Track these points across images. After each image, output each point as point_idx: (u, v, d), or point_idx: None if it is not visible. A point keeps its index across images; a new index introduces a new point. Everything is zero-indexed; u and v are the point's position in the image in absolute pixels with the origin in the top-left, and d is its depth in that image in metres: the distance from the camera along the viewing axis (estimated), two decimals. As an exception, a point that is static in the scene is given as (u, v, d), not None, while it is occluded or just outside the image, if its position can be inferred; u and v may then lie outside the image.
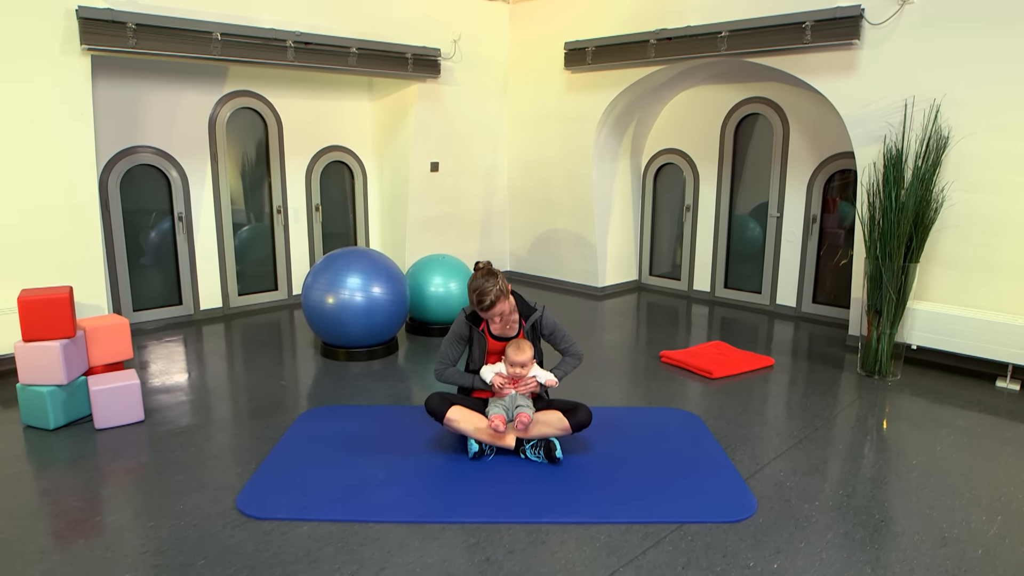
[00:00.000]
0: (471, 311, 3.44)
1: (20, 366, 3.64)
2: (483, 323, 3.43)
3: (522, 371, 3.32)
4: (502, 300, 3.23)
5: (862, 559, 2.57)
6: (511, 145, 7.53)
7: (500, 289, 3.22)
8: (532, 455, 3.31)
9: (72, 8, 4.48)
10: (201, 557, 2.56)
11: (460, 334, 3.42)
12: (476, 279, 3.26)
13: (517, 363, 3.31)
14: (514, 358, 3.30)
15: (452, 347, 3.43)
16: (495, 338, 3.43)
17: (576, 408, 3.32)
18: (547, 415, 3.30)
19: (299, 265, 6.67)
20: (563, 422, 3.27)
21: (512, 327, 3.44)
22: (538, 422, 3.30)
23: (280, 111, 6.33)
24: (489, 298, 3.19)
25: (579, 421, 3.28)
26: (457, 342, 3.43)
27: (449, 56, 6.70)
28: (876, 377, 4.61)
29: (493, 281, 3.22)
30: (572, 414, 3.29)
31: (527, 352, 3.32)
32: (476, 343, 3.42)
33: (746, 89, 6.37)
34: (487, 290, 3.19)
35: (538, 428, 3.30)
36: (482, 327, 3.42)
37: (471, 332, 3.42)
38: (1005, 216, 4.43)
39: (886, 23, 4.71)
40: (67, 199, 4.67)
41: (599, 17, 6.41)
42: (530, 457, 3.31)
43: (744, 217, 6.67)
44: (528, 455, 3.32)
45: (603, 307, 6.66)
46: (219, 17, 5.16)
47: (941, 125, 4.55)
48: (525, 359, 3.31)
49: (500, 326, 3.42)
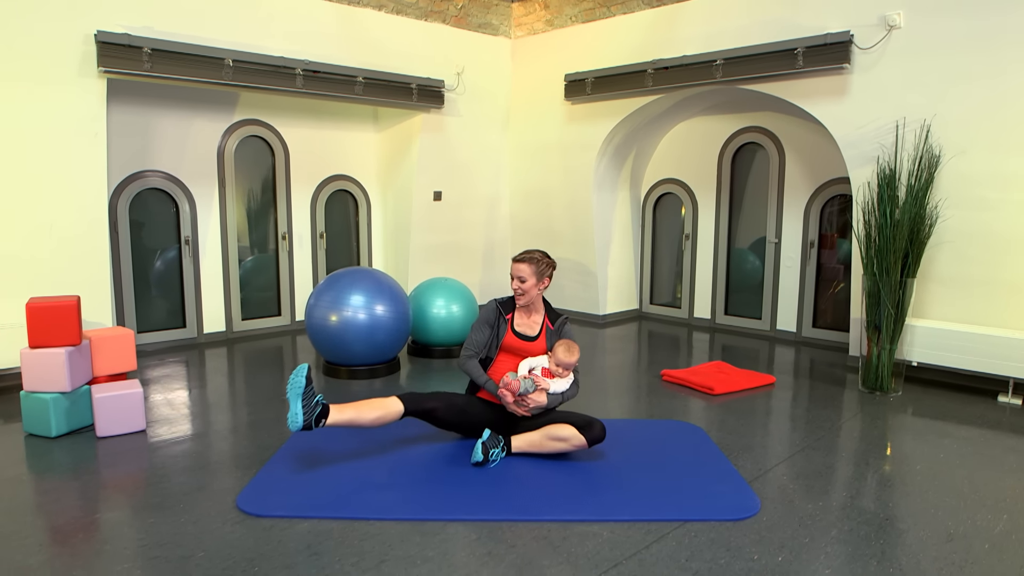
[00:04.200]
0: (504, 299, 3.59)
1: (25, 373, 3.66)
2: (510, 314, 3.54)
3: (564, 373, 3.41)
4: (528, 263, 3.45)
5: (867, 553, 2.54)
6: (513, 175, 7.68)
7: (536, 258, 3.47)
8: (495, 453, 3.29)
9: (91, 33, 4.66)
10: (200, 550, 2.54)
11: (487, 319, 3.52)
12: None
13: (563, 364, 3.40)
14: (564, 359, 3.39)
15: (478, 331, 3.50)
16: (515, 333, 3.52)
17: (591, 424, 3.31)
18: (561, 430, 3.29)
19: (302, 291, 6.72)
20: (579, 438, 3.27)
21: (533, 326, 3.55)
22: (552, 437, 3.30)
23: (288, 140, 6.49)
24: (525, 253, 3.49)
25: (595, 436, 3.28)
26: (483, 326, 3.51)
27: (452, 88, 6.90)
28: (878, 393, 4.61)
29: (538, 253, 3.52)
30: (588, 430, 3.29)
31: (576, 355, 3.41)
32: (497, 331, 3.51)
33: (742, 119, 6.53)
34: (528, 251, 3.53)
35: (552, 444, 3.30)
36: (509, 316, 3.53)
37: (497, 319, 3.51)
38: (998, 232, 4.50)
39: (875, 48, 4.88)
40: (78, 218, 4.77)
41: (598, 51, 6.62)
42: (492, 457, 3.28)
43: (743, 251, 6.75)
44: (491, 457, 3.28)
45: (604, 334, 6.69)
46: (231, 45, 5.35)
47: (932, 144, 4.66)
48: (572, 361, 3.40)
49: (526, 320, 3.54)
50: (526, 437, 3.37)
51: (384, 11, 6.33)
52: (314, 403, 3.03)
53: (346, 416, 3.14)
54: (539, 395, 3.37)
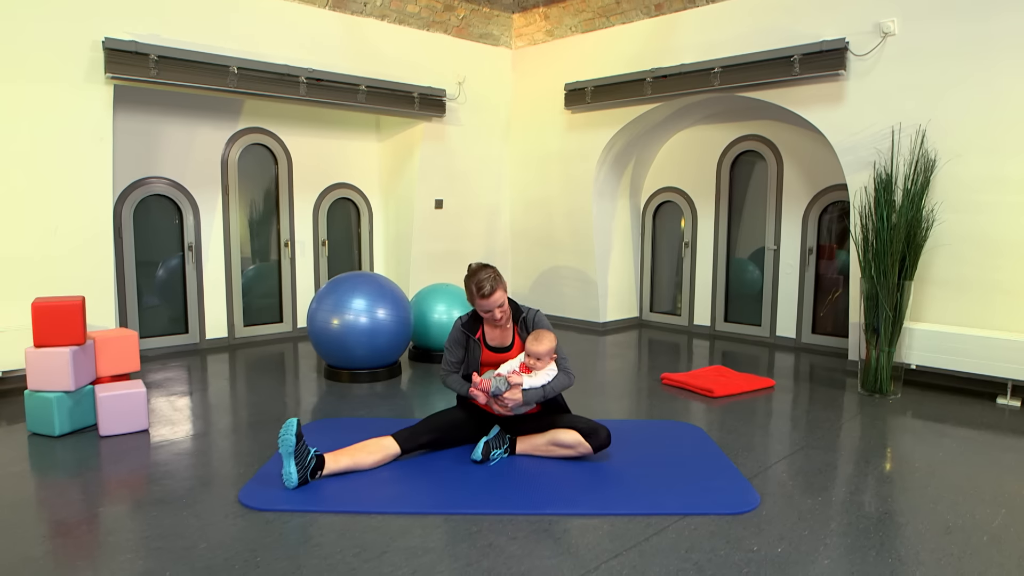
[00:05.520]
0: (467, 318, 3.45)
1: (29, 372, 3.69)
2: (479, 331, 3.42)
3: (538, 364, 3.25)
4: (500, 289, 3.24)
5: (866, 544, 2.56)
6: (513, 184, 7.74)
7: (496, 278, 3.25)
8: (496, 454, 3.30)
9: (99, 40, 4.74)
10: (203, 541, 2.55)
11: (457, 340, 3.41)
12: (471, 273, 3.28)
13: (534, 354, 3.23)
14: (533, 348, 3.23)
15: (451, 351, 3.41)
16: (489, 348, 3.42)
17: (596, 430, 3.26)
18: (566, 436, 3.25)
19: (304, 298, 6.76)
20: (584, 445, 3.24)
21: (506, 335, 3.43)
22: (557, 444, 3.28)
23: (291, 148, 6.56)
24: (488, 284, 3.20)
25: (600, 443, 3.25)
26: (454, 347, 3.41)
27: (454, 97, 6.98)
28: (877, 396, 4.62)
29: (488, 271, 3.26)
30: (593, 436, 3.24)
31: (545, 343, 3.23)
32: (471, 352, 3.39)
33: (740, 128, 6.60)
34: (483, 279, 3.21)
35: (557, 451, 3.29)
36: (478, 335, 3.41)
37: (468, 342, 3.41)
38: (993, 234, 4.54)
39: (870, 54, 4.95)
40: (83, 223, 4.82)
41: (598, 60, 6.71)
42: (493, 457, 3.30)
43: (743, 260, 6.80)
44: (492, 456, 3.30)
45: (605, 341, 6.71)
46: (236, 53, 5.43)
47: (928, 149, 4.72)
48: (542, 350, 3.22)
49: (497, 333, 3.42)
50: (531, 440, 3.35)
51: (387, 21, 6.42)
52: (308, 459, 2.98)
53: (343, 465, 3.09)
54: (514, 392, 3.21)
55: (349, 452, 3.15)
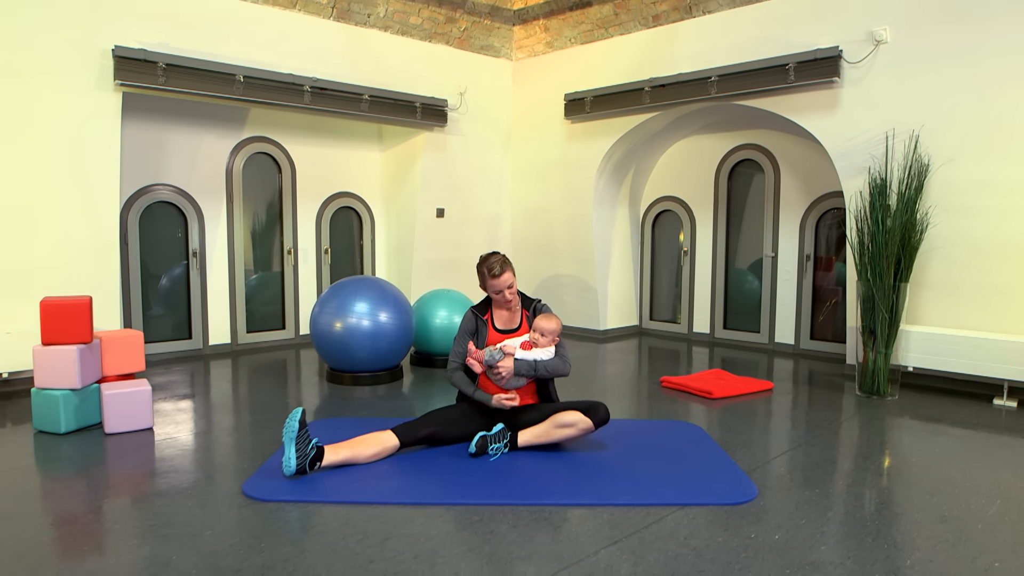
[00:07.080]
0: (478, 303, 3.65)
1: (37, 369, 3.74)
2: (488, 313, 3.59)
3: (541, 340, 3.43)
4: (508, 270, 3.46)
5: (863, 532, 2.59)
6: (514, 193, 7.83)
7: (505, 261, 3.48)
8: (493, 449, 3.35)
9: (108, 48, 4.84)
10: (208, 529, 2.59)
11: (467, 329, 3.56)
12: (483, 259, 3.52)
13: (540, 329, 3.44)
14: (542, 324, 3.44)
15: (460, 343, 3.54)
16: (497, 330, 3.56)
17: (595, 406, 3.39)
18: (567, 416, 3.34)
19: (306, 305, 6.81)
20: (586, 421, 3.33)
21: (514, 318, 3.60)
22: (558, 424, 3.35)
23: (294, 157, 6.65)
24: (498, 266, 3.44)
25: (600, 418, 3.36)
26: (463, 337, 3.54)
27: (455, 108, 7.08)
28: (874, 397, 4.66)
29: (498, 256, 3.49)
30: (593, 412, 3.36)
31: (553, 322, 3.46)
32: (479, 335, 3.55)
33: (737, 137, 6.70)
34: (494, 261, 3.46)
35: (559, 432, 3.36)
36: (487, 317, 3.58)
37: (476, 324, 3.56)
38: (985, 237, 4.61)
39: (863, 62, 5.05)
40: (90, 229, 4.89)
41: (597, 70, 6.82)
42: (491, 452, 3.35)
43: (742, 271, 6.86)
44: (490, 451, 3.35)
45: (605, 348, 6.75)
46: (242, 62, 5.54)
47: (921, 154, 4.80)
48: (548, 327, 3.43)
49: (505, 316, 3.57)
50: (532, 430, 3.42)
51: (390, 32, 6.54)
52: (309, 447, 3.04)
53: (342, 456, 3.16)
54: (507, 361, 3.37)
55: (348, 444, 3.22)
